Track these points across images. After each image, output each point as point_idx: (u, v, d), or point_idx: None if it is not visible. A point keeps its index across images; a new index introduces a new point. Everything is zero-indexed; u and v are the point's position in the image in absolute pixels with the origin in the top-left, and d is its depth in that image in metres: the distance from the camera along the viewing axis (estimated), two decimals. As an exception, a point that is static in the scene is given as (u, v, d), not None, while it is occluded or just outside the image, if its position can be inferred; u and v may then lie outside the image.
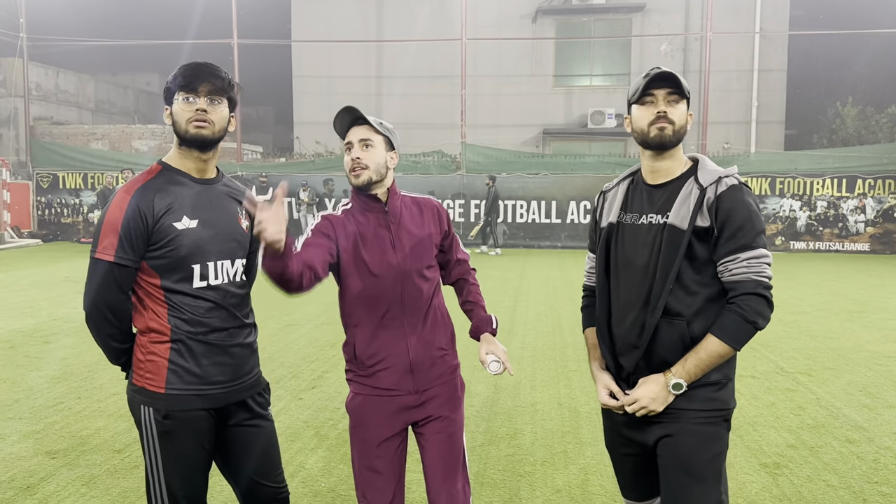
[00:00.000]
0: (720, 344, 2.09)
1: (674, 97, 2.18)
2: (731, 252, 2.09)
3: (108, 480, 3.87)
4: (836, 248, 17.37)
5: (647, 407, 2.16)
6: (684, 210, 2.14)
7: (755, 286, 2.07)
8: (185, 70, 2.25)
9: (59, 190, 19.56)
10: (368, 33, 22.66)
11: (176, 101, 2.26)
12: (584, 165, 18.43)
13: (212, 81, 2.25)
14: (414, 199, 2.60)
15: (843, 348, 7.15)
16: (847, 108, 21.58)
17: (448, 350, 2.57)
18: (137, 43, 21.33)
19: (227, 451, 2.41)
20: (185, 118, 2.24)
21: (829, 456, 4.30)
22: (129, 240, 2.18)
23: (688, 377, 2.11)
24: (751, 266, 2.08)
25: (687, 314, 2.14)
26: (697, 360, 2.10)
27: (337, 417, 4.91)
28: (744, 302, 2.08)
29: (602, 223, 2.37)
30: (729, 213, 2.09)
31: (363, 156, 2.42)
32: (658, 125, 2.17)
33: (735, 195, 2.11)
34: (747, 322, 2.07)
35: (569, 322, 8.23)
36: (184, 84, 2.24)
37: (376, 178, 2.44)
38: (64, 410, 5.01)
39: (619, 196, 2.34)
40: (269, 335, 7.36)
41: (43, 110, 23.40)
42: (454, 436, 2.52)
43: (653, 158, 2.24)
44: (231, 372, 2.33)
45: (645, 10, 21.82)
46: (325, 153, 21.39)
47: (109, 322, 2.24)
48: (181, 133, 2.27)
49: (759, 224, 2.11)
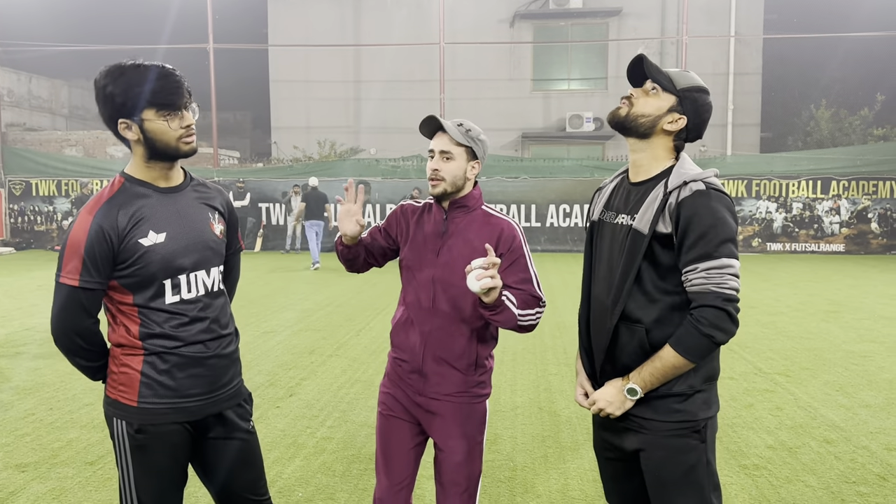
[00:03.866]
0: (675, 355, 2.03)
1: (654, 88, 2.15)
2: (691, 261, 2.01)
3: (80, 493, 3.78)
4: (812, 249, 17.56)
5: (605, 409, 2.14)
6: (648, 214, 2.09)
7: (714, 298, 1.98)
8: (159, 84, 2.09)
9: (32, 197, 19.26)
10: (346, 37, 22.59)
11: (149, 119, 2.11)
12: (562, 169, 18.49)
13: (187, 91, 2.16)
14: (487, 214, 2.55)
15: (819, 348, 7.20)
16: (821, 110, 21.87)
17: (469, 374, 2.50)
18: (111, 48, 21.03)
19: (206, 464, 2.35)
20: (175, 136, 2.13)
21: (808, 456, 4.31)
22: (93, 262, 2.08)
23: (643, 384, 2.08)
24: (710, 277, 1.99)
25: (646, 321, 2.09)
26: (653, 369, 2.06)
27: (315, 426, 4.85)
28: (701, 314, 2.00)
29: (589, 219, 2.36)
30: (690, 220, 2.01)
31: (442, 167, 2.47)
32: (617, 107, 2.19)
33: (698, 202, 2.01)
34: (702, 335, 1.99)
35: (549, 326, 8.23)
36: (165, 104, 2.11)
37: (451, 189, 2.49)
38: (35, 422, 4.90)
39: (607, 193, 2.31)
40: (246, 342, 7.27)
41: (15, 116, 23.05)
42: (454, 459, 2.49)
43: (631, 151, 2.22)
44: (207, 384, 2.24)
45: (621, 14, 21.98)
46: (303, 158, 21.27)
47: (78, 346, 2.17)
48: (168, 150, 2.15)
49: (724, 232, 2.00)
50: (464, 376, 2.50)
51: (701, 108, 2.16)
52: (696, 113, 2.15)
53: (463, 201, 2.53)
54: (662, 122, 2.14)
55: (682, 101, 2.14)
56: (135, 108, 2.11)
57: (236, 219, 2.47)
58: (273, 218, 18.60)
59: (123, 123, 2.13)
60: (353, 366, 6.46)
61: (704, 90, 2.17)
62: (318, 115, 22.73)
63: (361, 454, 4.34)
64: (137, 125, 2.13)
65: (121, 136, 2.17)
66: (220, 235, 2.34)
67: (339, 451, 4.40)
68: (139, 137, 2.14)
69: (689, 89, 2.14)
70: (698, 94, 2.15)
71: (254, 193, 18.30)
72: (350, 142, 22.39)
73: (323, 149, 21.47)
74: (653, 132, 2.15)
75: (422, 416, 2.55)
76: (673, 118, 2.14)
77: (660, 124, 2.15)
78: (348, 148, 22.09)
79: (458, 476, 2.50)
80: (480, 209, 2.56)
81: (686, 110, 2.14)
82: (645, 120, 2.15)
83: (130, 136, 2.14)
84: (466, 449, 2.50)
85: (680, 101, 2.14)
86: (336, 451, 4.39)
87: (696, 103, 2.15)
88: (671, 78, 2.15)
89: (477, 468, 2.54)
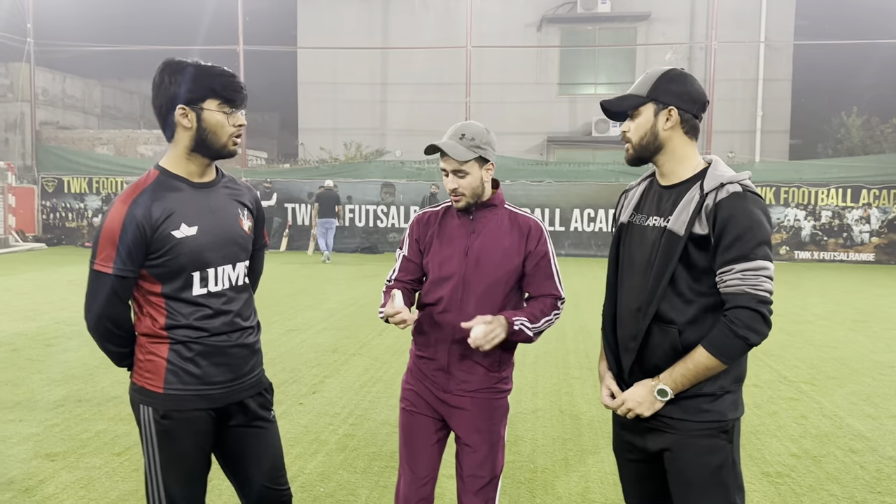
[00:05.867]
0: (708, 356, 2.03)
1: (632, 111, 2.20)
2: (727, 263, 2.02)
3: (107, 483, 3.86)
4: (841, 258, 17.31)
5: (634, 410, 2.15)
6: (684, 216, 2.10)
7: (749, 300, 1.98)
8: (226, 80, 2.21)
9: (63, 194, 19.61)
10: (374, 40, 22.74)
11: (210, 109, 2.20)
12: (588, 173, 18.43)
13: (246, 96, 2.27)
14: (512, 213, 2.61)
15: (846, 358, 7.11)
16: (852, 118, 21.58)
17: (494, 371, 2.56)
18: (143, 48, 21.41)
19: (228, 452, 2.40)
20: (228, 133, 2.23)
21: (832, 466, 4.27)
22: (127, 251, 2.15)
23: (674, 385, 2.08)
24: (745, 278, 1.99)
25: (680, 322, 2.10)
26: (685, 370, 2.06)
27: (337, 423, 4.90)
28: (735, 315, 2.00)
29: (617, 222, 2.37)
30: (727, 221, 2.02)
31: (459, 185, 2.51)
32: (625, 149, 2.26)
33: (735, 203, 2.02)
34: (737, 337, 1.99)
35: (571, 329, 8.21)
36: (227, 97, 2.21)
37: (473, 199, 2.54)
38: (64, 413, 5.01)
39: (636, 196, 2.33)
40: (271, 340, 7.35)
41: (49, 115, 23.50)
42: (477, 455, 2.54)
43: (656, 165, 2.25)
44: (230, 372, 2.31)
45: (650, 18, 21.87)
46: (329, 159, 21.43)
47: (109, 330, 2.23)
48: (216, 145, 2.23)
49: (760, 234, 2.01)
50: (488, 372, 2.55)
51: (677, 86, 2.16)
52: (677, 94, 2.15)
53: (493, 200, 2.59)
54: (658, 128, 2.16)
55: (658, 99, 2.16)
56: (198, 97, 2.19)
57: (263, 216, 2.55)
58: (298, 218, 18.75)
59: (182, 110, 2.19)
60: (376, 365, 6.50)
61: (668, 72, 2.18)
62: (345, 117, 22.89)
63: (382, 451, 4.37)
64: (196, 113, 2.20)
65: (168, 125, 2.23)
66: (248, 231, 2.41)
67: (361, 448, 4.44)
68: (193, 126, 2.21)
69: (655, 85, 2.16)
70: (667, 81, 2.17)
71: (280, 194, 18.47)
72: (376, 144, 22.52)
73: (349, 150, 21.62)
74: (661, 142, 2.17)
75: (445, 412, 2.58)
76: (664, 117, 2.16)
77: (659, 132, 2.17)
78: (374, 150, 22.23)
79: (480, 470, 2.54)
80: (504, 207, 2.61)
81: (668, 101, 2.15)
82: (646, 140, 2.18)
83: (185, 123, 2.20)
84: (489, 444, 2.54)
85: (657, 100, 2.16)
86: (357, 448, 4.43)
87: (670, 89, 2.16)
88: (635, 92, 2.19)
89: (499, 463, 2.58)
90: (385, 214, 18.54)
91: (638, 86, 2.20)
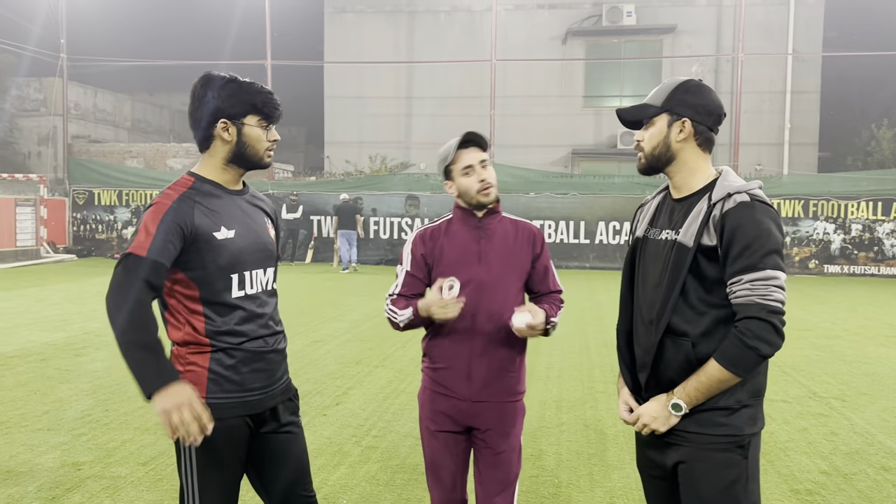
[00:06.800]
0: (720, 369, 2.00)
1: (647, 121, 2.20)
2: (736, 273, 1.99)
3: (133, 492, 3.89)
4: (872, 272, 17.00)
5: (649, 425, 2.13)
6: (693, 227, 2.08)
7: (758, 310, 1.96)
8: (265, 97, 2.31)
9: (94, 206, 19.93)
10: (399, 54, 22.89)
11: (250, 124, 2.29)
12: (612, 186, 18.34)
13: (282, 113, 2.37)
14: (513, 220, 2.71)
15: (878, 374, 6.97)
16: (882, 130, 21.26)
17: (512, 372, 2.64)
18: (173, 63, 21.77)
19: (257, 458, 2.40)
20: (265, 147, 2.35)
21: (864, 483, 4.18)
22: (164, 240, 2.14)
23: (688, 399, 2.06)
24: (755, 288, 1.96)
25: (693, 334, 2.08)
26: (698, 384, 2.04)
27: (360, 435, 4.90)
28: (745, 326, 1.97)
29: (633, 236, 2.36)
30: (734, 231, 2.00)
31: (488, 175, 2.59)
32: (637, 158, 2.27)
33: (743, 213, 2.00)
34: (747, 348, 1.96)
35: (596, 343, 8.15)
36: (266, 113, 2.32)
37: (497, 193, 2.64)
38: (91, 423, 5.07)
39: (651, 209, 2.33)
40: (295, 351, 7.39)
41: (81, 129, 23.95)
42: (500, 457, 2.61)
43: (669, 177, 2.25)
44: (266, 378, 2.35)
45: (676, 31, 21.76)
46: (354, 172, 21.56)
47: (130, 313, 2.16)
48: (254, 158, 2.34)
49: (769, 243, 1.98)
50: (507, 373, 2.62)
51: (693, 98, 2.15)
52: (692, 106, 2.14)
53: (493, 209, 2.66)
54: (671, 139, 2.16)
55: (673, 110, 2.15)
56: (240, 112, 2.28)
57: (280, 229, 2.63)
58: (324, 230, 18.87)
59: (223, 124, 2.28)
60: (399, 377, 6.50)
61: (685, 83, 2.17)
62: (370, 131, 23.03)
63: (405, 464, 4.36)
64: (237, 128, 2.29)
65: (206, 136, 2.30)
66: (274, 239, 2.48)
67: (384, 460, 4.44)
68: (233, 140, 2.30)
69: (670, 96, 2.16)
70: (682, 92, 2.16)
71: (306, 206, 18.61)
72: (400, 156, 22.61)
73: (374, 163, 21.74)
74: (672, 153, 2.17)
75: (467, 419, 2.62)
76: (677, 128, 2.15)
77: (671, 143, 2.16)
78: (399, 163, 22.32)
79: (498, 473, 2.60)
80: (503, 215, 2.70)
81: (682, 112, 2.14)
82: (658, 151, 2.18)
83: (226, 136, 2.29)
84: (508, 445, 2.61)
85: (671, 111, 2.15)
86: (380, 461, 4.42)
87: (685, 100, 2.15)
88: (651, 102, 2.19)
89: (517, 466, 2.65)
90: (409, 227, 18.58)
91: (654, 95, 2.20)
